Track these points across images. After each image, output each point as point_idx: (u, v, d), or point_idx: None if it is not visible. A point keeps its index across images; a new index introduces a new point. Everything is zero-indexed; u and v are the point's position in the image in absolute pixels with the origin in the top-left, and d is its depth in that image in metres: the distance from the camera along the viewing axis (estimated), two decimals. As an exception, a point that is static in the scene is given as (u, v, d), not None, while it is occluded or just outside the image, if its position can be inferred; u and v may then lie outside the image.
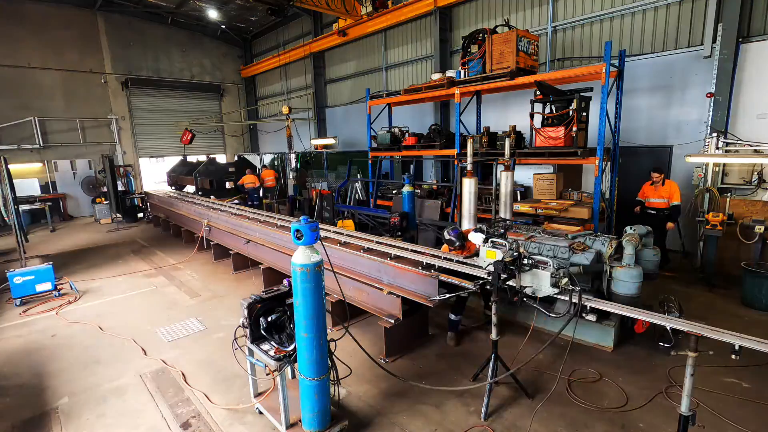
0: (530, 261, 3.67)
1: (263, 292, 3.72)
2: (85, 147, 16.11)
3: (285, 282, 3.77)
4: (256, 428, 3.68)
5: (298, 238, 3.11)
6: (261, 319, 3.54)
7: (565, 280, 3.62)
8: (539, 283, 3.66)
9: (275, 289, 3.79)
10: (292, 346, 3.41)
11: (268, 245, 7.00)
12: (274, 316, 3.57)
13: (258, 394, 3.89)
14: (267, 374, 3.58)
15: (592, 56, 8.91)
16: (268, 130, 19.02)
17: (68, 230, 13.37)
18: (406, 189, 8.05)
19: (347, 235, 5.73)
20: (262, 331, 3.54)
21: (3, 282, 6.86)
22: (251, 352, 3.67)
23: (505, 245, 3.74)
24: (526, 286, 3.71)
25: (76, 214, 15.80)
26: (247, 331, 3.60)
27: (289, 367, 3.46)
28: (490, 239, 3.93)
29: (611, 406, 3.80)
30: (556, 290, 3.54)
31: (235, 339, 3.77)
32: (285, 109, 12.73)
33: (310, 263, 3.07)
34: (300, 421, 3.41)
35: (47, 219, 13.52)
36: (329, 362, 3.37)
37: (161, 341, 5.35)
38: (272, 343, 3.54)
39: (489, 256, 3.89)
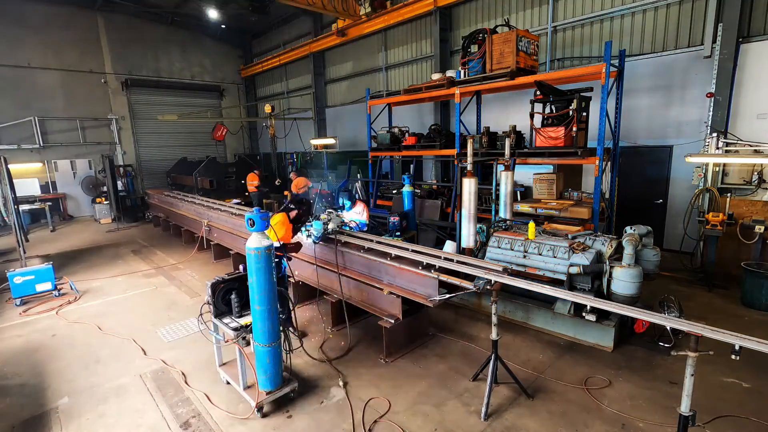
0: (312, 217, 5.34)
1: (226, 274, 4.28)
2: (85, 147, 16.10)
3: (240, 267, 4.14)
4: (223, 394, 4.17)
5: (251, 226, 3.61)
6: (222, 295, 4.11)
7: (332, 225, 5.38)
8: (316, 229, 5.38)
9: (236, 272, 4.28)
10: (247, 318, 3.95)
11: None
12: (234, 294, 4.11)
13: (223, 364, 4.43)
14: (225, 341, 4.16)
15: (592, 56, 8.91)
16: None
17: (68, 230, 13.37)
18: (406, 189, 8.05)
19: (347, 234, 5.72)
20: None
21: (3, 282, 6.86)
22: (216, 327, 4.16)
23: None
24: (311, 232, 5.40)
25: (76, 214, 15.79)
26: (212, 307, 4.11)
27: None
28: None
29: (611, 406, 3.80)
30: (327, 232, 5.37)
31: (201, 315, 4.20)
32: (267, 108, 12.57)
33: (261, 247, 3.61)
34: (256, 383, 3.92)
35: (47, 219, 13.50)
36: (281, 333, 3.91)
37: (161, 341, 5.35)
38: (232, 316, 4.08)
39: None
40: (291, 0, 11.45)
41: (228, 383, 4.28)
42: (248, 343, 3.88)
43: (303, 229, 5.43)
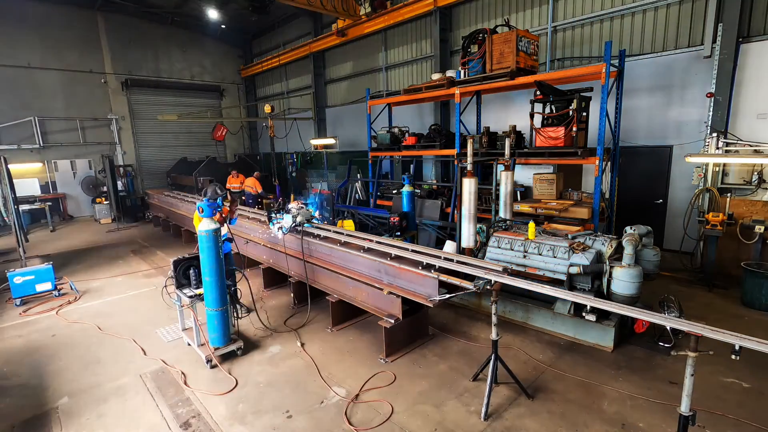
0: (283, 212, 6.23)
1: (187, 254, 5.10)
2: (85, 147, 16.10)
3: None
4: (185, 354, 4.99)
5: (201, 213, 4.55)
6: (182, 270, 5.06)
7: (300, 218, 6.05)
8: (287, 221, 6.10)
9: (193, 252, 5.00)
10: (201, 289, 4.71)
11: (268, 245, 7.00)
12: (192, 270, 4.95)
13: (185, 329, 5.34)
14: (181, 306, 5.16)
15: (592, 56, 8.91)
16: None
17: (68, 230, 13.37)
18: (406, 189, 8.06)
19: (347, 234, 5.73)
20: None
21: (3, 282, 6.86)
22: (178, 297, 5.07)
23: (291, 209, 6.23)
24: (282, 225, 6.12)
25: (76, 214, 15.79)
26: (174, 280, 5.00)
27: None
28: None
29: (611, 406, 3.80)
30: (295, 223, 6.02)
31: (165, 287, 5.16)
32: (267, 108, 12.41)
33: (210, 230, 4.51)
34: (208, 341, 4.79)
35: (47, 219, 13.51)
36: (229, 301, 4.76)
37: (161, 341, 5.35)
38: (191, 288, 4.97)
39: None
40: (291, 0, 11.44)
41: (189, 345, 5.08)
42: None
43: (273, 221, 6.20)
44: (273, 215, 6.30)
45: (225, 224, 5.26)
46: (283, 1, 11.50)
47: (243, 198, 12.04)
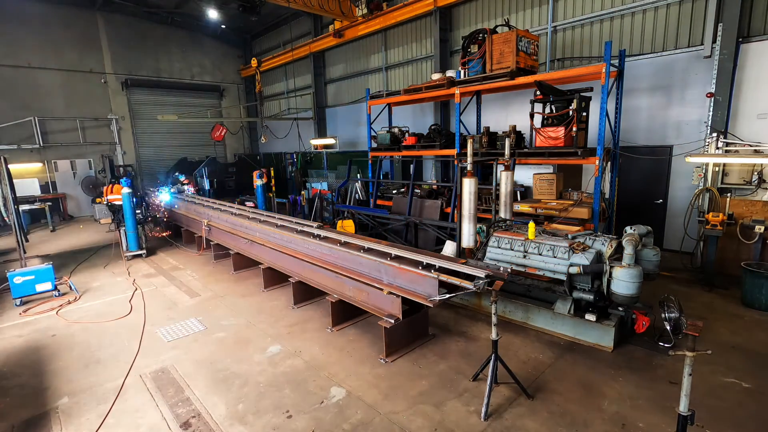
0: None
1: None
2: (85, 147, 16.11)
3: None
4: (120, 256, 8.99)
5: (120, 185, 8.91)
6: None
7: (174, 190, 11.60)
8: (166, 195, 11.44)
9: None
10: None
11: (268, 245, 7.00)
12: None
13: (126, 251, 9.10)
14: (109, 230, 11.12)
15: (592, 56, 8.91)
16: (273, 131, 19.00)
17: (68, 230, 13.37)
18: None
19: (347, 235, 5.74)
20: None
21: (3, 282, 6.86)
22: (118, 228, 9.50)
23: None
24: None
25: (76, 214, 15.79)
26: (116, 219, 9.63)
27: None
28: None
29: (611, 406, 3.80)
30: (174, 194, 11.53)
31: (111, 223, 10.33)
32: (253, 62, 14.08)
33: (126, 194, 8.79)
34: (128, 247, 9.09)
35: (47, 219, 13.51)
36: (139, 229, 9.25)
37: (161, 341, 5.35)
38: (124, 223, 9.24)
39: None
40: (285, 1, 11.46)
41: (127, 258, 9.15)
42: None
43: (160, 191, 11.31)
44: (159, 189, 11.57)
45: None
46: (279, 2, 11.50)
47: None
